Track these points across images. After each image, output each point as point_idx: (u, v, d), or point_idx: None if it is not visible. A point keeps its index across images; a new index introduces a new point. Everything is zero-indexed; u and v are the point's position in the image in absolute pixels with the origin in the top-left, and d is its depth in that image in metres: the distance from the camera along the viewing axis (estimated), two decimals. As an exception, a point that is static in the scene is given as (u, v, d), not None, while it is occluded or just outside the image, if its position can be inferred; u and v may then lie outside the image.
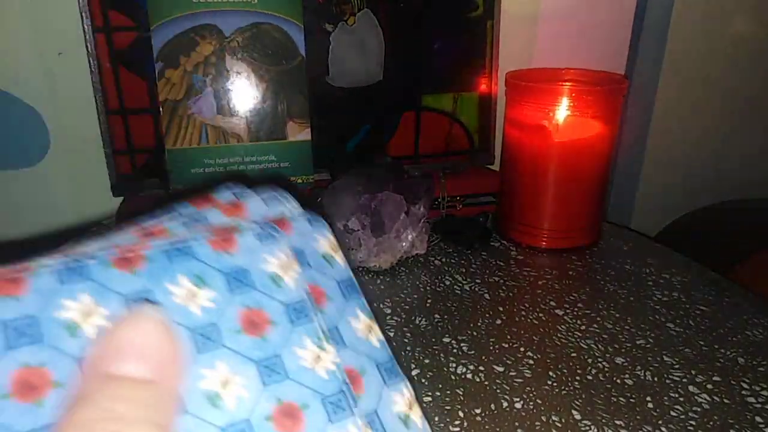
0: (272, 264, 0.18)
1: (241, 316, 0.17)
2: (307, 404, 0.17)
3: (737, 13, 0.85)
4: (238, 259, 0.18)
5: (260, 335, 0.17)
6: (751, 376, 0.43)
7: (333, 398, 0.17)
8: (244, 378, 0.16)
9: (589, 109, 0.59)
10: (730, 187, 0.94)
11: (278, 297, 0.18)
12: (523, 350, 0.46)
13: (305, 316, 0.18)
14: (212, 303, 0.17)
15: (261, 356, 0.17)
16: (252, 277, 0.18)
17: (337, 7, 0.64)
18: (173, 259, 0.17)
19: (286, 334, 0.17)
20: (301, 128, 0.65)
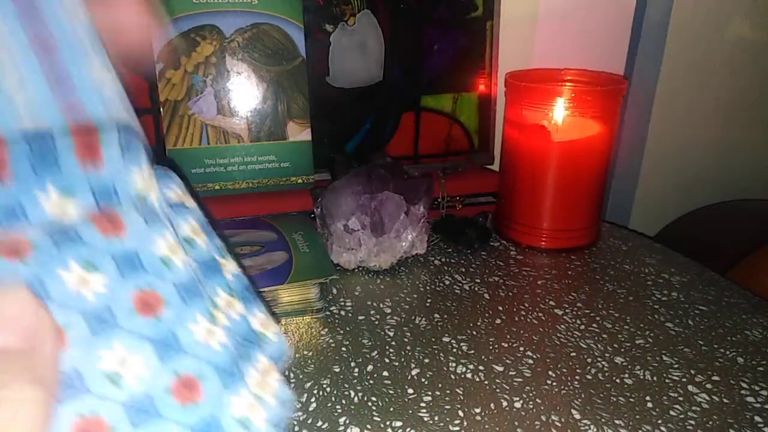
0: (161, 246, 0.18)
1: (135, 298, 0.17)
2: (203, 375, 0.17)
3: (736, 14, 0.86)
4: (127, 242, 0.18)
5: (154, 315, 0.17)
6: (751, 375, 0.43)
7: (227, 367, 0.18)
8: (142, 356, 0.17)
9: (589, 110, 0.59)
10: (728, 187, 0.94)
11: (169, 278, 0.18)
12: (523, 350, 0.46)
13: (196, 294, 0.19)
14: (105, 288, 0.17)
15: (156, 334, 0.17)
16: (143, 260, 0.18)
17: (337, 8, 0.65)
18: (61, 246, 0.17)
19: (180, 313, 0.18)
20: (302, 128, 0.65)
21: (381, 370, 0.43)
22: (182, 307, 0.18)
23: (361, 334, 0.47)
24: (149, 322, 0.17)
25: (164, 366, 0.17)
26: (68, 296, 0.16)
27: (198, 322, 0.18)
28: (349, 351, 0.45)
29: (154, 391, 0.16)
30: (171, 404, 0.17)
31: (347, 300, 0.52)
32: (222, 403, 0.18)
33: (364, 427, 0.38)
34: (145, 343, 0.17)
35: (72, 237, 0.17)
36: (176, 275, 0.18)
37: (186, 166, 0.62)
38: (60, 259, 0.16)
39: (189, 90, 0.61)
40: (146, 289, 0.17)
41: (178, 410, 0.17)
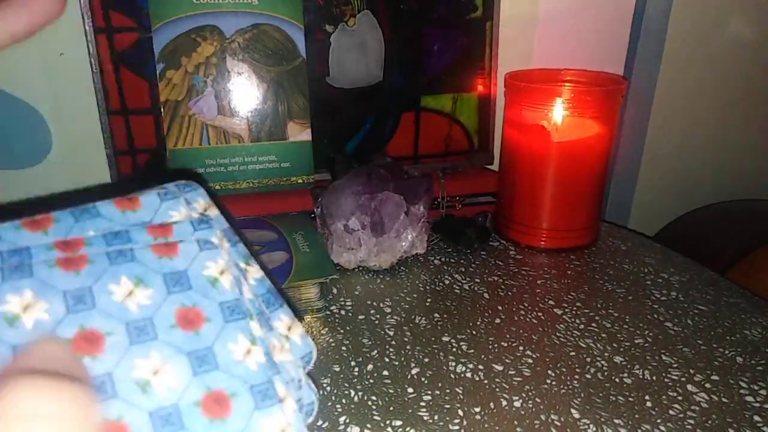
0: (211, 269, 0.19)
1: (177, 313, 0.18)
2: (235, 392, 0.18)
3: (735, 14, 0.86)
4: (177, 263, 0.18)
5: (194, 330, 0.18)
6: (750, 375, 0.44)
7: (261, 387, 0.18)
8: (175, 367, 0.17)
9: (588, 110, 0.59)
10: (728, 187, 0.94)
11: (214, 297, 0.19)
12: (522, 349, 0.46)
13: (239, 313, 0.19)
14: (149, 300, 0.17)
15: (193, 348, 0.17)
16: (190, 279, 0.18)
17: (337, 9, 0.65)
18: (114, 261, 0.17)
19: (219, 330, 0.18)
20: (302, 128, 0.65)
21: (381, 369, 0.43)
22: (223, 325, 0.18)
23: (361, 334, 0.48)
24: (188, 336, 0.18)
25: (196, 379, 0.17)
26: (113, 307, 0.17)
27: (238, 341, 0.18)
28: (349, 350, 0.45)
29: (183, 403, 0.17)
30: (198, 418, 0.17)
31: (347, 299, 0.53)
32: (251, 422, 0.18)
33: (364, 426, 0.38)
34: (180, 355, 0.17)
35: (125, 254, 0.18)
36: (222, 295, 0.19)
37: (187, 166, 0.62)
38: (112, 273, 0.17)
39: (190, 90, 0.61)
40: (189, 306, 0.18)
41: (205, 424, 0.17)
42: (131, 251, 0.18)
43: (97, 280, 0.17)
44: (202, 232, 0.20)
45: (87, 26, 0.59)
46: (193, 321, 0.18)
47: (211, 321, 0.18)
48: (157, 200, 0.19)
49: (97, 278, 0.17)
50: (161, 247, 0.18)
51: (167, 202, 0.19)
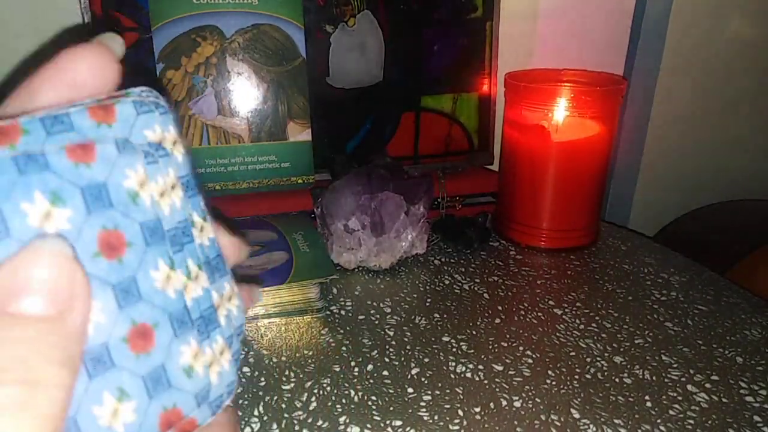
0: (131, 179, 0.17)
1: (99, 238, 0.16)
2: (157, 322, 0.17)
3: (735, 13, 0.86)
4: (96, 171, 0.16)
5: (117, 258, 0.16)
6: (750, 375, 0.44)
7: (178, 315, 0.18)
8: (102, 302, 0.16)
9: (588, 110, 0.59)
10: (727, 187, 0.94)
11: (135, 216, 0.17)
12: (522, 349, 0.46)
13: (159, 235, 0.18)
14: (69, 224, 0.15)
15: (117, 279, 0.16)
16: (110, 193, 0.16)
17: (337, 9, 0.65)
18: (25, 170, 0.15)
19: (141, 256, 0.17)
20: (302, 129, 0.65)
21: (381, 369, 0.43)
22: (145, 249, 0.17)
23: (361, 334, 0.48)
24: (112, 266, 0.16)
25: (122, 313, 0.16)
26: (30, 233, 0.15)
27: (159, 268, 0.17)
28: (349, 350, 0.45)
29: (111, 341, 0.16)
30: (126, 354, 0.16)
31: (347, 300, 0.53)
32: (171, 352, 0.17)
33: (364, 426, 0.38)
34: (106, 288, 0.16)
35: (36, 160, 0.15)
36: (143, 214, 0.17)
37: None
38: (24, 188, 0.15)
39: (190, 90, 0.61)
40: (111, 229, 0.16)
41: (132, 359, 0.16)
42: (43, 156, 0.15)
43: (8, 199, 0.15)
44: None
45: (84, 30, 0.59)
46: (116, 247, 0.16)
47: (132, 245, 0.17)
48: (134, 113, 0.17)
49: (6, 196, 0.15)
50: (76, 149, 0.16)
51: (143, 116, 0.18)
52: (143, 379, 0.17)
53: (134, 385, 0.16)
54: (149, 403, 0.17)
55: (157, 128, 0.18)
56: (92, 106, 0.17)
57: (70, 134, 0.16)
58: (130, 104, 0.17)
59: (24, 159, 0.15)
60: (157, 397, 0.17)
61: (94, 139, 0.17)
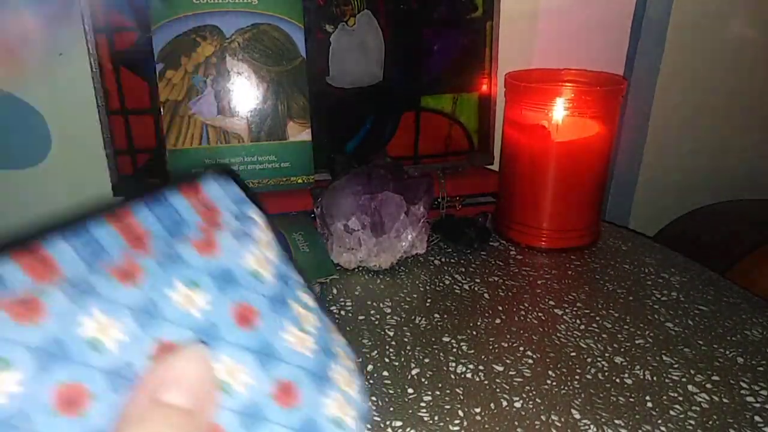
0: (250, 261, 0.20)
1: (233, 312, 0.19)
2: (299, 380, 0.19)
3: (735, 14, 0.86)
4: (221, 260, 0.19)
5: (252, 327, 0.19)
6: (750, 375, 0.43)
7: (318, 371, 0.20)
8: (246, 366, 0.18)
9: (588, 110, 0.59)
10: (728, 187, 0.94)
11: (260, 290, 0.20)
12: (523, 350, 0.46)
13: (283, 302, 0.20)
14: (209, 305, 0.18)
15: (256, 345, 0.19)
16: (236, 275, 0.20)
17: (337, 8, 0.65)
18: (166, 267, 0.18)
19: (272, 322, 0.20)
20: (302, 128, 0.65)
21: (381, 369, 0.43)
22: (273, 316, 0.20)
23: (361, 334, 0.47)
24: (248, 334, 0.19)
25: (265, 373, 0.19)
26: (180, 315, 0.18)
27: (288, 330, 0.20)
28: (349, 351, 0.45)
29: (259, 398, 0.18)
30: (274, 408, 0.18)
31: (347, 300, 0.52)
32: (317, 405, 0.20)
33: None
34: (247, 353, 0.19)
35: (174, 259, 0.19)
36: (265, 286, 0.20)
37: (186, 166, 0.62)
38: (167, 279, 0.18)
39: (189, 90, 0.61)
40: (241, 303, 0.19)
41: (281, 413, 0.19)
42: (177, 254, 0.19)
43: (155, 289, 0.18)
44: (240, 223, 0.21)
45: (86, 26, 0.59)
46: (248, 318, 0.19)
47: (262, 314, 0.20)
48: (234, 241, 0.20)
49: (153, 287, 0.18)
50: (202, 244, 0.19)
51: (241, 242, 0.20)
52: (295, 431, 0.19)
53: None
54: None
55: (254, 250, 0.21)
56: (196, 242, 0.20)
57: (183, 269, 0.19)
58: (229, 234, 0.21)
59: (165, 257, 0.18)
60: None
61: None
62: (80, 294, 0.17)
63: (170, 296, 0.18)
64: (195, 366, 0.17)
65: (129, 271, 0.18)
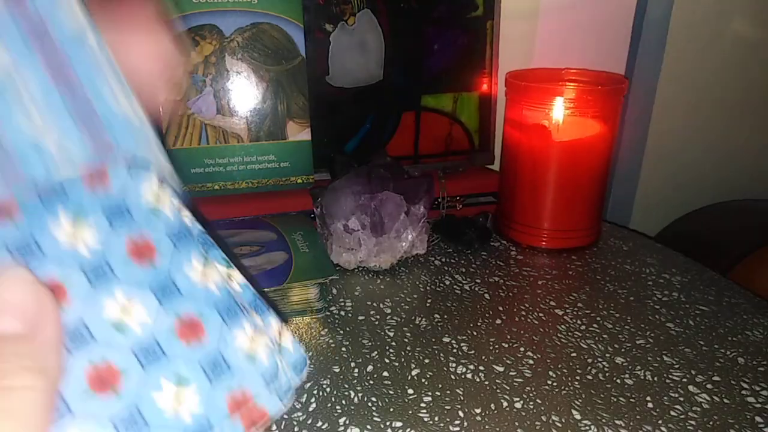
0: (148, 196, 0.19)
1: (127, 247, 0.18)
2: (203, 313, 0.18)
3: (736, 13, 0.86)
4: (113, 194, 0.18)
5: (149, 263, 0.18)
6: (751, 375, 0.43)
7: (224, 305, 0.19)
8: (142, 302, 0.17)
9: (589, 109, 0.59)
10: (729, 187, 0.94)
11: (158, 225, 0.19)
12: (523, 350, 0.46)
13: (185, 238, 0.19)
14: (97, 243, 0.17)
15: (153, 280, 0.18)
16: (131, 211, 0.18)
17: (337, 7, 0.64)
18: (48, 202, 0.17)
19: (172, 257, 0.19)
20: (301, 128, 0.65)
21: (381, 370, 0.43)
22: (175, 252, 0.19)
23: (361, 335, 0.47)
24: (145, 270, 0.18)
25: (165, 310, 0.18)
26: (65, 253, 0.17)
27: (193, 265, 0.19)
28: (349, 351, 0.45)
29: (159, 335, 0.17)
30: (177, 343, 0.18)
31: (347, 300, 0.52)
32: (225, 339, 0.19)
33: (364, 427, 0.38)
34: (144, 289, 0.18)
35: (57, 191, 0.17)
36: (165, 223, 0.19)
37: (186, 166, 0.62)
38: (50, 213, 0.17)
39: (188, 89, 0.61)
40: (137, 239, 0.18)
41: (184, 349, 0.18)
42: (61, 187, 0.17)
43: (36, 225, 0.17)
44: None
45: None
46: (145, 252, 0.18)
47: (162, 250, 0.18)
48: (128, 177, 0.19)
49: (33, 223, 0.17)
50: (92, 178, 0.18)
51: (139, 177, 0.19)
52: (200, 365, 0.18)
53: (191, 371, 0.18)
54: (211, 386, 0.18)
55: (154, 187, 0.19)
56: (86, 176, 0.18)
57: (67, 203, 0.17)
58: (124, 171, 0.19)
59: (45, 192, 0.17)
60: (218, 381, 0.18)
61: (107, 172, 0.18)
62: None
63: (53, 233, 0.17)
64: (17, 288, 0.16)
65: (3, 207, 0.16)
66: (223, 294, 0.19)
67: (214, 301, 0.19)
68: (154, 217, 0.19)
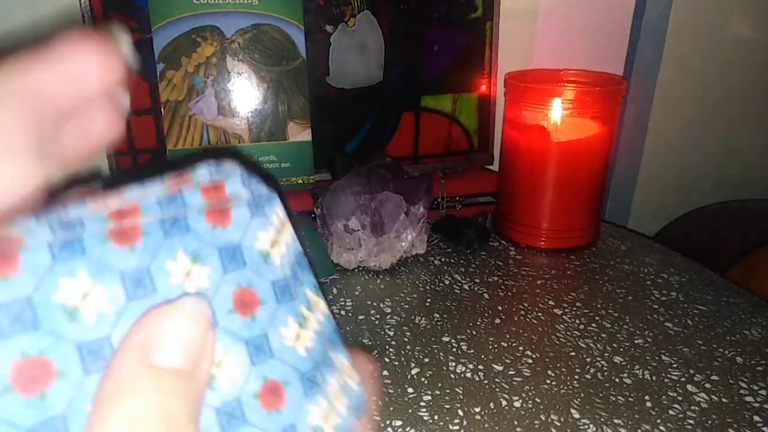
0: (262, 241, 0.18)
1: (234, 296, 0.17)
2: (288, 381, 0.17)
3: (735, 14, 0.86)
4: (231, 234, 0.17)
5: (251, 315, 0.17)
6: (750, 375, 0.44)
7: (309, 374, 0.18)
8: (236, 358, 0.16)
9: (588, 110, 0.59)
10: (727, 187, 0.94)
11: (267, 275, 0.17)
12: (522, 349, 0.46)
13: (288, 293, 0.18)
14: (207, 282, 0.16)
15: (250, 336, 0.17)
16: (244, 254, 0.17)
17: (337, 9, 0.65)
18: (169, 232, 0.16)
19: (273, 313, 0.17)
20: (302, 129, 0.65)
21: (381, 369, 0.43)
22: (275, 306, 0.18)
23: (361, 334, 0.48)
24: (245, 322, 0.17)
25: (255, 369, 0.17)
26: (172, 292, 0.16)
27: (289, 324, 0.18)
28: (349, 350, 0.45)
29: (243, 396, 0.16)
30: (257, 410, 0.17)
31: (347, 300, 0.53)
32: (301, 411, 0.18)
33: (364, 426, 0.38)
34: (240, 344, 0.17)
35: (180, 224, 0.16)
36: (274, 273, 0.18)
37: (186, 166, 0.62)
38: (168, 248, 0.16)
39: (190, 90, 0.61)
40: (245, 287, 0.17)
41: (263, 416, 0.17)
42: (185, 219, 0.16)
43: (154, 258, 0.15)
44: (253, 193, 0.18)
45: (87, 26, 0.59)
46: (250, 304, 0.17)
47: (265, 303, 0.17)
48: (248, 216, 0.18)
49: (153, 255, 0.15)
50: (215, 213, 0.17)
51: (257, 219, 0.18)
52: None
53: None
54: None
55: (270, 231, 0.18)
56: (209, 211, 0.17)
57: (187, 237, 0.16)
58: (245, 209, 0.18)
59: (169, 223, 0.16)
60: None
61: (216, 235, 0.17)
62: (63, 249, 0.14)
63: (167, 268, 0.16)
64: (194, 321, 0.15)
65: (126, 231, 0.15)
66: (310, 359, 0.18)
67: (301, 369, 0.18)
68: (264, 264, 0.18)
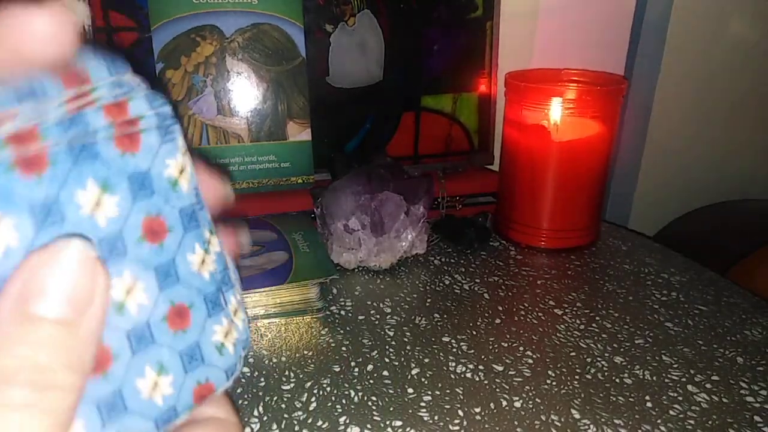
0: (171, 167, 0.18)
1: (143, 224, 0.17)
2: (193, 303, 0.18)
3: (736, 13, 0.86)
4: (140, 161, 0.17)
5: (159, 243, 0.17)
6: (750, 375, 0.43)
7: (212, 296, 0.19)
8: (145, 284, 0.17)
9: (588, 110, 0.59)
10: (728, 187, 0.94)
11: (175, 203, 0.18)
12: (523, 349, 0.46)
13: (195, 220, 0.19)
14: (116, 212, 0.16)
15: (158, 263, 0.17)
16: (153, 181, 0.17)
17: (337, 8, 0.65)
18: (78, 159, 0.15)
19: (180, 240, 0.18)
20: (302, 128, 0.65)
21: (381, 369, 0.43)
22: (184, 234, 0.18)
23: (361, 334, 0.47)
24: (154, 249, 0.17)
25: (162, 294, 0.17)
26: (82, 223, 0.15)
27: (196, 250, 0.18)
28: (349, 351, 0.45)
29: (152, 320, 0.17)
30: (165, 331, 0.17)
31: (347, 300, 0.52)
32: (205, 330, 0.19)
33: (364, 426, 0.38)
34: (149, 271, 0.17)
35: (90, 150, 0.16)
36: (181, 201, 0.18)
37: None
38: (78, 177, 0.15)
39: (189, 90, 0.61)
40: (153, 215, 0.17)
41: (170, 336, 0.18)
42: (94, 146, 0.16)
43: (63, 187, 0.15)
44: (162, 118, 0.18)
45: (86, 26, 0.59)
46: (158, 232, 0.17)
47: (173, 230, 0.18)
48: (157, 142, 0.17)
49: (62, 184, 0.15)
50: (124, 139, 0.16)
51: (165, 146, 0.18)
52: (180, 355, 0.18)
53: (172, 361, 0.18)
54: (185, 377, 0.18)
55: (178, 157, 0.18)
56: (119, 136, 0.17)
57: (96, 164, 0.16)
58: (154, 133, 0.18)
59: (78, 149, 0.16)
60: (192, 372, 0.18)
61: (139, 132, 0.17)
62: None
63: (77, 199, 0.15)
64: (73, 266, 0.14)
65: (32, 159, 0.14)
66: (213, 283, 0.19)
67: (205, 291, 0.19)
68: (173, 191, 0.18)
